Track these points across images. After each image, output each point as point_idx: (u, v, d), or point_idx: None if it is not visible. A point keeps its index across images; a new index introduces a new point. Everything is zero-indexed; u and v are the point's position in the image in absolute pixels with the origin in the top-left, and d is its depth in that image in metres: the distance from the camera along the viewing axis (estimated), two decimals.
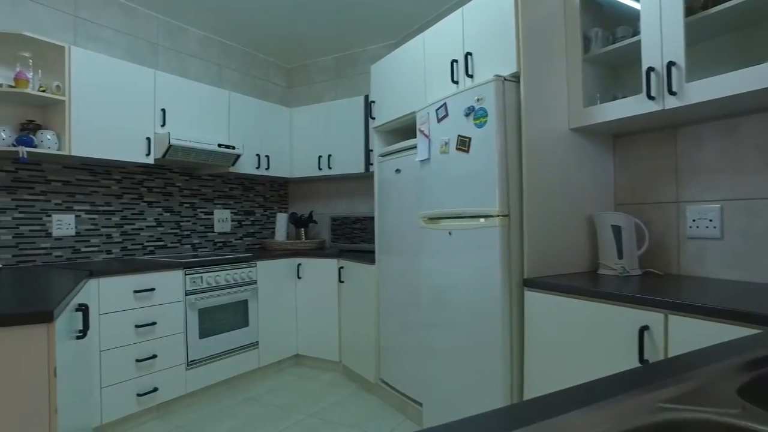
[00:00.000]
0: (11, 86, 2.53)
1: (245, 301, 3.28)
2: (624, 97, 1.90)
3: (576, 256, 2.10)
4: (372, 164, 3.66)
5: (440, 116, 2.23)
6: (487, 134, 1.96)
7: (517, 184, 1.97)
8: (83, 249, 3.01)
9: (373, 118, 3.13)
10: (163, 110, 3.10)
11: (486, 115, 1.96)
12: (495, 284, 1.94)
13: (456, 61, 2.33)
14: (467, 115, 2.05)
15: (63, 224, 2.91)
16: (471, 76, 2.24)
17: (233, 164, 3.50)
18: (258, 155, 3.76)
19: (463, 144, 2.07)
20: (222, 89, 3.54)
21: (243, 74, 4.16)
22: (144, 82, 3.01)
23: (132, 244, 3.28)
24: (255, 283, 3.35)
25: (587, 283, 1.75)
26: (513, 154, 1.96)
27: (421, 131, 2.40)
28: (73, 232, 2.95)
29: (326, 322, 3.56)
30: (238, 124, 3.63)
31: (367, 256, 3.25)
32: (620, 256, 1.94)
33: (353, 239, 3.73)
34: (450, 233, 2.18)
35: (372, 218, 3.57)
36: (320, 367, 3.66)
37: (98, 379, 2.48)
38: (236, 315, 3.22)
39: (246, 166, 3.67)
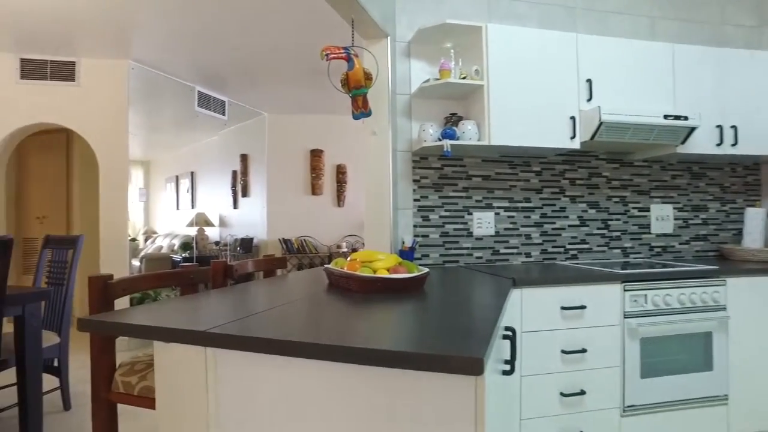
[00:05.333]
0: (437, 79, 2.42)
1: (708, 334, 2.29)
2: None
3: None
4: None
5: None
6: None
7: None
8: (502, 250, 2.72)
9: None
10: (589, 81, 2.48)
11: None
12: None
13: None
14: None
15: (483, 223, 2.68)
16: None
17: (683, 141, 2.55)
18: (719, 126, 2.66)
19: None
20: (663, 42, 2.65)
21: (684, 22, 3.10)
22: (564, 51, 2.47)
23: (552, 247, 2.80)
24: (723, 308, 2.31)
25: None
26: None
27: None
28: (492, 232, 2.69)
29: None
30: (688, 86, 2.64)
31: None
32: None
33: None
34: None
35: None
36: None
37: (518, 408, 2.06)
38: (694, 352, 2.27)
39: (700, 144, 2.63)
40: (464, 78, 2.39)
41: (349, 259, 1.86)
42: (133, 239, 9.38)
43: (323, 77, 5.05)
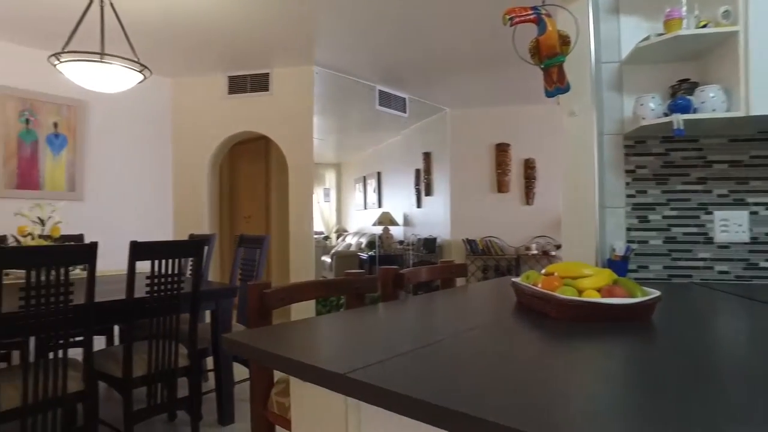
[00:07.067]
0: (660, 34, 1.83)
1: None
2: None
3: None
4: None
5: None
6: None
7: None
8: (762, 264, 1.96)
9: None
10: None
11: None
12: None
13: None
14: None
15: (730, 225, 1.97)
16: None
17: None
18: None
19: None
20: None
21: None
22: None
23: None
24: None
25: None
26: None
27: None
28: (746, 238, 1.96)
29: None
30: None
31: None
32: None
33: None
34: None
35: None
36: None
37: None
38: None
39: None
40: (705, 26, 1.75)
41: (544, 272, 1.45)
42: (327, 237, 10.10)
43: (508, 65, 4.65)
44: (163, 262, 2.21)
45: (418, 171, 7.35)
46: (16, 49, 4.06)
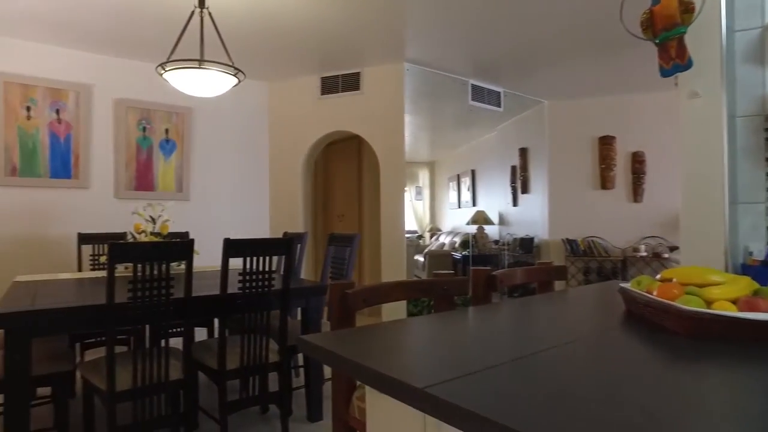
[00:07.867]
0: None
1: None
2: None
3: None
4: None
5: None
6: None
7: None
8: None
9: None
10: None
11: None
12: None
13: None
14: None
15: None
16: None
17: None
18: None
19: None
20: None
21: None
22: None
23: None
24: None
25: None
26: None
27: None
28: None
29: None
30: None
31: None
32: None
33: None
34: None
35: None
36: None
37: None
38: None
39: None
40: None
41: (659, 277, 1.25)
42: (420, 236, 10.03)
43: (612, 50, 4.25)
44: (255, 259, 2.26)
45: (513, 168, 7.03)
46: (137, 65, 4.46)
